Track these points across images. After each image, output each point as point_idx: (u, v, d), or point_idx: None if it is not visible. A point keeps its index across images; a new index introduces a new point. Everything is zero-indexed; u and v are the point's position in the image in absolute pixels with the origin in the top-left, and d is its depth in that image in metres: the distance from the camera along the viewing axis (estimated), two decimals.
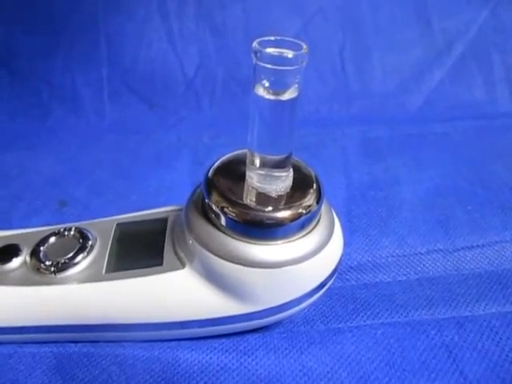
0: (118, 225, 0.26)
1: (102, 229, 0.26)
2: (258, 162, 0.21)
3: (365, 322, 0.26)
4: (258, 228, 0.20)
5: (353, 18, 0.48)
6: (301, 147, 0.19)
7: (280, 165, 0.21)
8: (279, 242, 0.21)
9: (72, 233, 0.25)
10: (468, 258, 0.30)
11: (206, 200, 0.21)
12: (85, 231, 0.25)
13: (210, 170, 0.23)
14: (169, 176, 0.38)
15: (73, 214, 0.34)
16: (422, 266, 0.30)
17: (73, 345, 0.23)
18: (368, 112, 0.47)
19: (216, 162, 0.24)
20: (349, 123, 0.45)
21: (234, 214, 0.20)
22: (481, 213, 0.33)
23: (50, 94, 0.46)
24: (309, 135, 0.43)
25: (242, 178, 0.22)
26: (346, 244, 0.24)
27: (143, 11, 0.46)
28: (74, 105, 0.46)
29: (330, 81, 0.48)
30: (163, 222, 0.26)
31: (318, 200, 0.22)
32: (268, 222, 0.20)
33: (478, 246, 0.31)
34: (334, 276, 0.23)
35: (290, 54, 0.17)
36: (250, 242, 0.20)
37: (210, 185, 0.22)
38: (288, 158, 0.21)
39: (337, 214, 0.25)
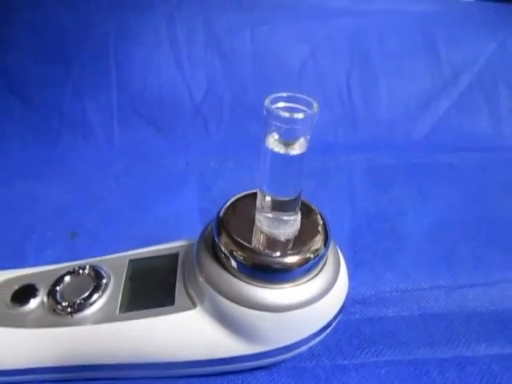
0: (130, 261, 0.27)
1: (115, 266, 0.26)
2: (267, 203, 0.21)
3: (369, 359, 0.26)
4: (266, 272, 0.21)
5: (361, 46, 0.49)
6: (307, 174, 0.20)
7: (289, 207, 0.21)
8: (287, 285, 0.21)
9: (86, 271, 0.26)
10: (471, 296, 0.31)
11: (216, 240, 0.22)
12: (98, 269, 0.26)
13: (222, 210, 0.24)
14: (177, 203, 0.39)
15: (84, 245, 0.35)
16: (424, 301, 0.30)
17: (90, 382, 0.24)
18: (374, 139, 0.48)
19: (228, 201, 0.24)
20: (355, 150, 0.46)
21: (242, 258, 0.21)
22: (484, 250, 0.34)
23: (60, 121, 0.47)
24: (315, 162, 0.44)
25: (251, 219, 0.22)
26: (351, 277, 0.25)
27: (152, 38, 0.47)
28: (83, 131, 0.47)
29: (336, 108, 0.49)
30: (174, 258, 0.26)
31: (326, 243, 0.22)
32: (276, 267, 0.21)
33: (480, 284, 0.31)
34: (340, 315, 0.24)
35: (300, 115, 0.18)
36: (258, 286, 0.21)
37: (220, 225, 0.23)
38: (297, 200, 0.21)
39: (342, 247, 0.25)
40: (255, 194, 0.23)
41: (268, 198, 0.21)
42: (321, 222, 0.24)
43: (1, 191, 0.41)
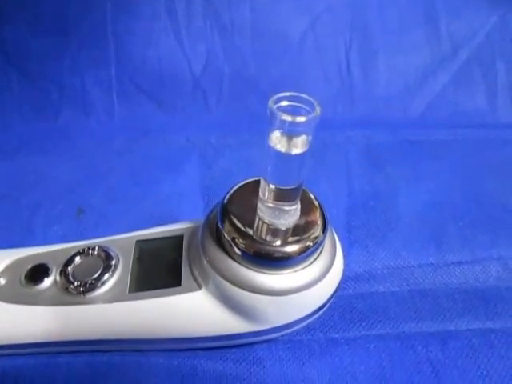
0: (137, 242, 0.28)
1: (123, 246, 0.28)
2: (270, 192, 0.22)
3: (360, 332, 0.29)
4: (267, 260, 0.22)
5: (361, 17, 0.48)
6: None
7: (290, 197, 0.22)
8: (287, 271, 0.23)
9: (96, 252, 0.27)
10: (457, 273, 0.33)
11: (220, 227, 0.23)
12: (107, 250, 0.27)
13: (226, 197, 0.24)
14: (179, 181, 0.40)
15: (90, 222, 0.36)
16: (413, 278, 0.32)
17: (101, 354, 0.26)
18: (371, 115, 0.48)
19: (232, 188, 0.25)
20: (352, 126, 0.47)
21: (244, 246, 0.22)
22: (471, 230, 0.35)
23: (60, 95, 0.47)
24: (313, 138, 0.44)
25: (254, 207, 0.23)
26: (345, 255, 0.27)
27: (151, 10, 0.46)
28: (83, 105, 0.47)
29: (335, 82, 0.49)
30: (179, 239, 0.28)
31: (324, 230, 0.24)
32: (276, 255, 0.22)
33: (466, 262, 0.33)
34: (335, 294, 0.26)
35: (302, 118, 0.19)
36: (259, 271, 0.23)
37: (224, 213, 0.24)
38: (298, 189, 0.22)
39: (338, 226, 0.26)
40: (259, 181, 0.23)
41: (270, 187, 0.22)
42: (318, 209, 0.25)
43: (5, 165, 0.42)
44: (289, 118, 0.18)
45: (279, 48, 0.48)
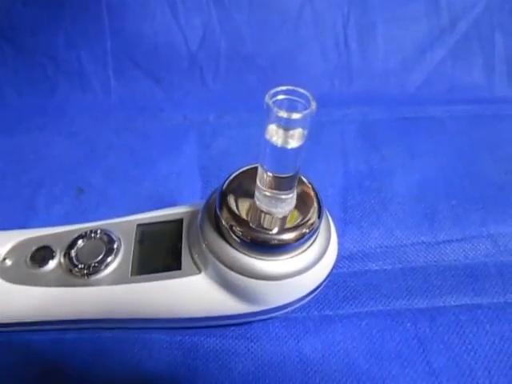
0: (138, 226, 0.29)
1: (124, 230, 0.29)
2: (267, 180, 0.22)
3: (353, 310, 0.30)
4: (264, 247, 0.23)
5: None
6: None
7: (287, 186, 0.23)
8: (283, 257, 0.24)
9: (98, 235, 0.28)
10: (447, 251, 0.34)
11: (218, 213, 0.24)
12: (109, 233, 0.28)
13: (225, 184, 0.25)
14: (177, 161, 0.40)
15: (91, 202, 0.37)
16: (406, 256, 0.34)
17: (107, 331, 0.28)
18: (368, 91, 0.48)
19: (231, 175, 0.25)
20: (349, 103, 0.46)
21: (241, 233, 0.23)
22: (463, 208, 0.36)
23: (55, 69, 0.47)
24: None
25: (252, 195, 0.24)
26: (340, 234, 0.28)
27: None
28: (79, 80, 0.47)
29: (332, 57, 0.48)
30: (179, 223, 0.29)
31: (319, 215, 0.24)
32: (273, 243, 0.23)
33: (457, 240, 0.34)
34: (329, 276, 0.27)
35: (297, 115, 0.19)
36: (256, 258, 0.23)
37: (222, 200, 0.24)
38: (294, 178, 0.22)
39: (333, 206, 0.27)
40: (257, 168, 0.24)
41: (268, 174, 0.22)
42: (314, 196, 0.25)
43: (4, 142, 0.42)
44: (285, 115, 0.19)
45: (276, 21, 0.47)
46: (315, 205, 0.25)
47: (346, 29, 0.48)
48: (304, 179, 0.26)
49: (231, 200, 0.24)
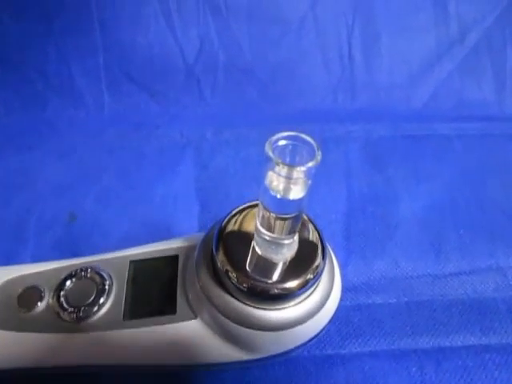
0: (131, 263, 0.28)
1: (117, 267, 0.27)
2: (267, 220, 0.21)
3: (356, 349, 0.29)
4: (262, 297, 0.21)
5: None
6: None
7: (288, 228, 0.21)
8: (284, 306, 0.22)
9: (89, 274, 0.27)
10: (455, 284, 0.32)
11: (214, 254, 0.23)
12: (101, 272, 0.27)
13: (223, 223, 0.23)
14: (174, 182, 0.39)
15: (84, 229, 0.35)
16: (411, 289, 0.32)
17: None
18: (373, 106, 0.46)
19: (229, 213, 0.24)
20: (353, 119, 0.45)
21: (236, 280, 0.21)
22: (471, 238, 0.35)
23: (45, 85, 0.45)
24: (312, 132, 0.43)
25: (251, 237, 0.22)
26: (343, 265, 0.26)
27: None
28: (71, 96, 0.45)
29: (336, 69, 0.47)
30: (174, 260, 0.27)
31: (323, 257, 0.23)
32: (272, 292, 0.21)
33: (465, 272, 0.33)
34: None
35: (300, 169, 0.17)
36: (254, 307, 0.22)
37: (219, 241, 0.23)
38: (298, 218, 0.21)
39: (336, 233, 0.27)
40: (256, 208, 0.22)
41: (268, 214, 0.20)
42: (316, 236, 0.24)
43: None
44: (285, 169, 0.17)
45: (277, 32, 0.45)
46: (318, 246, 0.23)
47: (350, 40, 0.46)
48: (305, 216, 0.24)
49: (229, 240, 0.23)
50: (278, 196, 0.19)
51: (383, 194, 0.38)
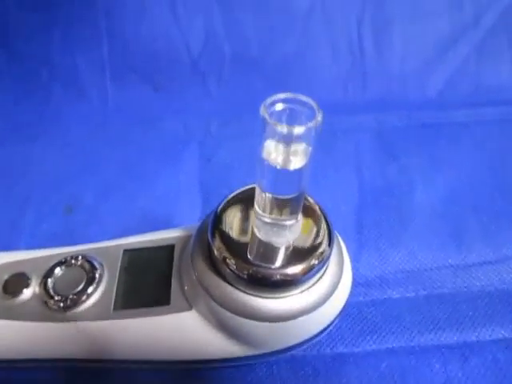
0: (124, 252, 0.26)
1: (109, 256, 0.25)
2: (266, 203, 0.19)
3: (371, 346, 0.26)
4: (263, 284, 0.19)
5: None
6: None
7: (290, 209, 0.19)
8: (287, 295, 0.20)
9: (79, 262, 0.25)
10: (479, 275, 0.30)
11: (210, 241, 0.21)
12: (92, 260, 0.25)
13: (219, 207, 0.21)
14: (177, 175, 0.37)
15: (81, 220, 0.34)
16: (431, 282, 0.29)
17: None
18: (385, 96, 0.44)
19: (226, 198, 0.22)
20: (364, 110, 0.43)
21: (235, 267, 0.19)
22: (496, 225, 0.32)
23: (50, 75, 0.44)
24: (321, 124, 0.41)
25: (249, 223, 0.21)
26: (355, 259, 0.24)
27: None
28: (75, 87, 0.44)
29: (345, 59, 0.45)
30: (170, 250, 0.25)
31: (330, 242, 0.21)
32: (274, 279, 0.19)
33: (490, 262, 0.30)
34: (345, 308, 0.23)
35: (300, 128, 0.15)
36: (255, 295, 0.20)
37: (215, 226, 0.21)
38: (299, 199, 0.19)
39: (347, 226, 0.25)
40: (253, 192, 0.20)
41: (267, 196, 0.18)
42: (322, 218, 0.21)
43: None
44: (284, 129, 0.15)
45: (284, 22, 0.44)
46: (324, 229, 0.21)
47: (360, 28, 0.44)
48: (309, 199, 0.22)
49: (226, 226, 0.21)
50: (278, 167, 0.17)
51: (397, 183, 0.35)
